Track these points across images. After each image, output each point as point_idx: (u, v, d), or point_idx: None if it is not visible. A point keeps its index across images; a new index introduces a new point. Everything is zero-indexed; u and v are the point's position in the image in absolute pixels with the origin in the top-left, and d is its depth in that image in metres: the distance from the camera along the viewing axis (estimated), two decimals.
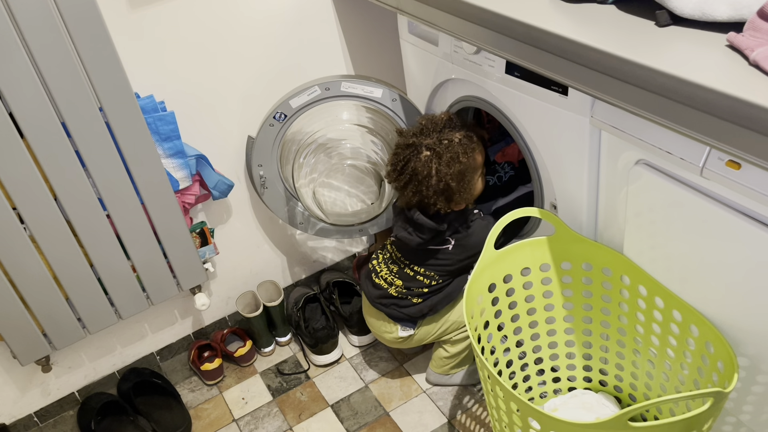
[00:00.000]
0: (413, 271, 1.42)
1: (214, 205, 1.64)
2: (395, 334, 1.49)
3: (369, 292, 1.51)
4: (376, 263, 1.50)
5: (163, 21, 1.38)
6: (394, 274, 1.44)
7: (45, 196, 1.27)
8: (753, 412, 1.05)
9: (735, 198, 0.89)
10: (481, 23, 1.11)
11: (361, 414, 1.57)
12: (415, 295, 1.42)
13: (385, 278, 1.46)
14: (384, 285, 1.46)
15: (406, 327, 1.48)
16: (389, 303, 1.46)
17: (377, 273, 1.48)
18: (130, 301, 1.47)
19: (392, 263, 1.46)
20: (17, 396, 1.59)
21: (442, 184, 1.29)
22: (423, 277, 1.41)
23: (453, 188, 1.30)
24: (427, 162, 1.29)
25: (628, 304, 1.21)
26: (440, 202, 1.31)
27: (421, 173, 1.29)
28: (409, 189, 1.32)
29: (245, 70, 1.52)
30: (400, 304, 1.45)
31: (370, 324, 1.56)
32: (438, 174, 1.29)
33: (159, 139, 1.36)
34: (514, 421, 1.06)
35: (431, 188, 1.29)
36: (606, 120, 1.03)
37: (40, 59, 1.15)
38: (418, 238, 1.36)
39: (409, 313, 1.44)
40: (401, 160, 1.32)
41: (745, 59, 0.80)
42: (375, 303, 1.49)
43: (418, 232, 1.35)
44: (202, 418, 1.63)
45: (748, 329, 0.97)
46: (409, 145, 1.32)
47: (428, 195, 1.30)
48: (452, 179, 1.29)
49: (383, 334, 1.52)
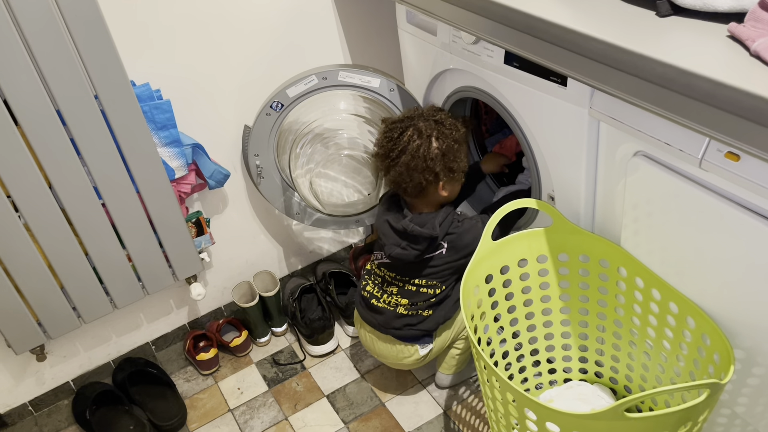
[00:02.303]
0: (414, 286, 1.38)
1: (210, 195, 1.63)
2: (416, 356, 1.43)
3: (374, 320, 1.44)
4: (370, 290, 1.45)
5: (160, 8, 1.36)
6: (395, 296, 1.40)
7: (40, 184, 1.26)
8: (748, 404, 1.05)
9: (733, 190, 0.88)
10: (480, 12, 1.10)
11: (357, 404, 1.57)
12: (424, 308, 1.39)
13: (388, 302, 1.41)
14: (389, 308, 1.41)
15: (425, 344, 1.43)
16: (402, 325, 1.40)
17: (377, 299, 1.43)
18: (126, 290, 1.47)
19: (388, 285, 1.42)
20: (12, 385, 1.59)
21: (444, 146, 1.28)
22: (426, 288, 1.38)
23: (455, 151, 1.29)
24: (428, 126, 1.29)
25: (624, 296, 1.21)
26: (438, 167, 1.28)
27: (423, 135, 1.28)
28: (406, 156, 1.28)
29: (242, 59, 1.51)
30: (413, 322, 1.40)
31: (381, 356, 1.49)
32: (440, 137, 1.28)
33: (155, 128, 1.35)
34: (510, 411, 1.06)
35: (431, 152, 1.27)
36: (605, 111, 1.02)
37: (35, 46, 1.14)
38: (414, 251, 1.33)
39: (424, 327, 1.40)
40: (398, 129, 1.30)
41: (746, 50, 0.79)
42: (388, 330, 1.42)
43: (413, 244, 1.32)
44: (198, 408, 1.63)
45: (744, 321, 0.97)
46: (404, 119, 1.32)
47: (428, 158, 1.27)
48: (454, 142, 1.29)
49: (402, 361, 1.45)
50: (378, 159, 1.36)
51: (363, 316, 1.48)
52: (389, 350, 1.45)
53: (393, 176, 1.33)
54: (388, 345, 1.45)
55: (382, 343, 1.46)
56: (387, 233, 1.37)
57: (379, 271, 1.44)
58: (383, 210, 1.41)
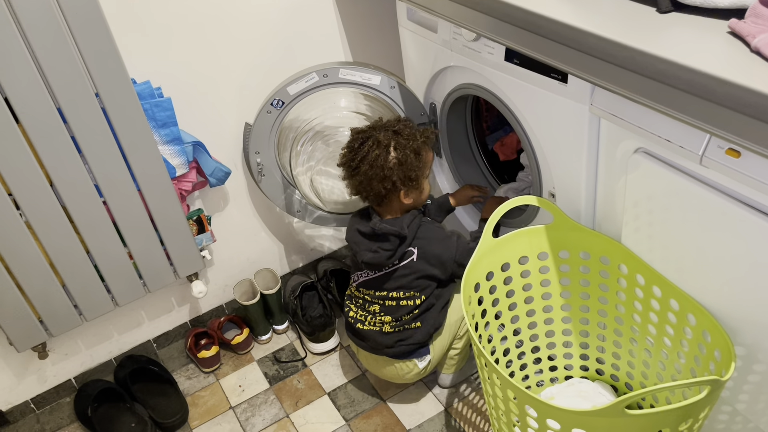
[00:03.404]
0: (394, 300, 1.38)
1: (211, 193, 1.63)
2: (416, 370, 1.44)
3: (364, 344, 1.45)
4: (353, 315, 1.45)
5: (160, 7, 1.36)
6: (377, 314, 1.41)
7: (41, 182, 1.26)
8: (749, 401, 1.05)
9: (734, 186, 0.88)
10: (481, 9, 1.10)
11: (358, 402, 1.57)
12: (410, 321, 1.39)
13: (373, 322, 1.41)
14: (375, 329, 1.41)
15: (422, 357, 1.43)
16: (393, 342, 1.40)
17: (362, 323, 1.43)
18: (127, 288, 1.47)
19: (369, 305, 1.42)
20: (14, 383, 1.59)
21: (401, 155, 1.30)
22: (406, 300, 1.38)
23: (411, 161, 1.31)
24: (386, 137, 1.31)
25: (625, 293, 1.21)
26: (395, 176, 1.30)
27: (381, 145, 1.30)
28: (365, 165, 1.30)
29: (243, 57, 1.51)
30: (404, 337, 1.39)
31: (385, 377, 1.49)
32: (397, 147, 1.30)
33: (156, 126, 1.36)
34: (510, 408, 1.07)
35: (389, 161, 1.29)
36: (605, 108, 1.02)
37: (36, 44, 1.14)
38: (386, 252, 1.33)
39: (417, 340, 1.40)
40: (359, 139, 1.33)
41: (746, 46, 0.79)
42: (381, 351, 1.42)
43: (383, 245, 1.34)
44: (199, 406, 1.63)
45: (745, 318, 0.97)
46: (366, 130, 1.34)
47: (385, 167, 1.29)
48: (411, 152, 1.31)
49: (405, 376, 1.45)
50: (342, 167, 1.38)
51: (355, 342, 1.49)
52: (389, 370, 1.46)
53: (354, 184, 1.35)
54: (387, 366, 1.45)
55: (380, 365, 1.47)
56: (358, 241, 1.38)
57: (358, 293, 1.45)
58: (353, 221, 1.42)
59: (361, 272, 1.43)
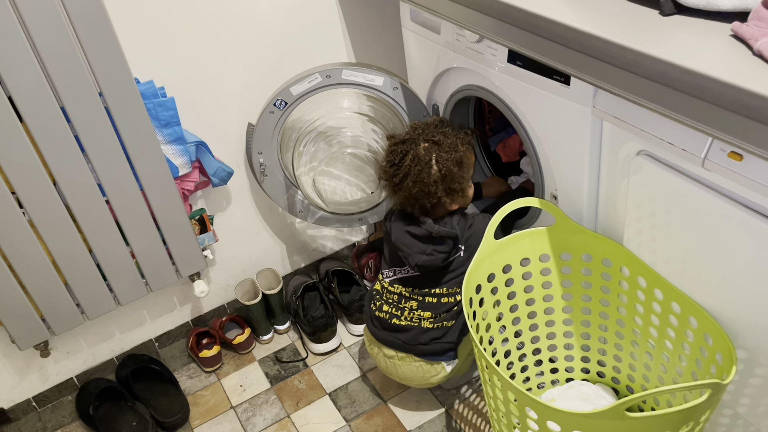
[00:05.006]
0: (435, 297, 1.36)
1: (213, 192, 1.63)
2: (443, 373, 1.40)
3: (397, 340, 1.39)
4: (388, 310, 1.40)
5: (164, 6, 1.37)
6: (416, 311, 1.37)
7: (44, 181, 1.26)
8: (750, 404, 1.05)
9: (736, 190, 0.88)
10: (484, 11, 1.10)
11: (359, 402, 1.57)
12: (448, 318, 1.36)
13: (410, 318, 1.37)
14: (413, 324, 1.37)
15: (450, 360, 1.40)
16: (428, 339, 1.37)
17: (398, 317, 1.38)
18: (129, 287, 1.47)
19: (406, 301, 1.38)
20: (16, 381, 1.59)
21: (444, 170, 1.28)
22: (447, 297, 1.36)
23: (455, 173, 1.29)
24: (427, 151, 1.29)
25: (627, 296, 1.21)
26: (440, 191, 1.29)
27: (422, 161, 1.28)
28: (408, 182, 1.29)
29: (246, 57, 1.51)
30: (438, 335, 1.37)
31: (406, 379, 1.44)
32: (439, 161, 1.29)
33: (159, 125, 1.36)
34: (511, 410, 1.06)
35: (432, 176, 1.28)
36: (608, 110, 1.02)
37: (40, 43, 1.14)
38: (441, 254, 1.31)
39: (450, 339, 1.37)
40: (399, 153, 1.31)
41: (749, 49, 0.79)
42: (413, 348, 1.38)
43: (439, 247, 1.30)
44: (200, 405, 1.64)
45: (747, 322, 0.97)
46: (406, 141, 1.32)
47: (429, 183, 1.28)
48: (453, 165, 1.29)
49: (429, 380, 1.42)
50: (383, 180, 1.37)
51: (382, 339, 1.43)
52: (414, 372, 1.42)
53: (399, 200, 1.34)
54: (413, 367, 1.41)
55: (405, 366, 1.42)
56: (409, 243, 1.33)
57: (393, 289, 1.41)
58: (398, 221, 1.37)
59: (397, 268, 1.40)
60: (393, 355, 1.42)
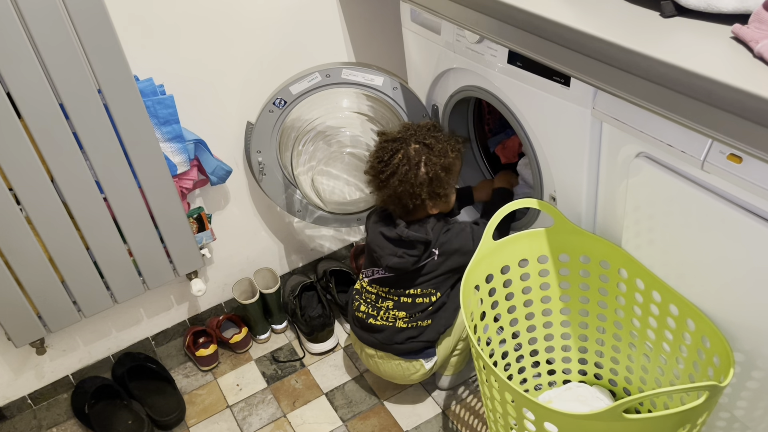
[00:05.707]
0: (410, 297, 1.38)
1: (211, 191, 1.63)
2: (422, 371, 1.43)
3: (374, 339, 1.42)
4: (365, 310, 1.43)
5: (164, 3, 1.36)
6: (391, 310, 1.39)
7: (42, 178, 1.26)
8: (747, 407, 1.05)
9: (735, 192, 0.88)
10: (484, 11, 1.10)
11: (356, 403, 1.57)
12: (423, 318, 1.38)
13: (386, 318, 1.40)
14: (388, 324, 1.40)
15: (428, 357, 1.42)
16: (404, 338, 1.39)
17: (374, 317, 1.41)
18: (126, 285, 1.47)
19: (383, 301, 1.41)
20: (11, 378, 1.59)
21: (431, 173, 1.29)
22: (422, 297, 1.37)
23: (441, 178, 1.30)
24: (417, 152, 1.30)
25: (625, 298, 1.21)
26: (425, 194, 1.30)
27: (411, 161, 1.29)
28: (394, 180, 1.30)
29: (246, 55, 1.51)
30: (414, 335, 1.39)
31: (388, 376, 1.48)
32: (428, 164, 1.29)
33: (157, 123, 1.36)
34: (508, 411, 1.06)
35: (419, 178, 1.29)
36: (607, 111, 1.02)
37: (39, 39, 1.14)
38: (411, 258, 1.32)
39: (426, 338, 1.39)
40: (389, 150, 1.32)
41: (749, 51, 0.79)
42: (389, 347, 1.41)
43: (409, 251, 1.32)
44: (196, 404, 1.63)
45: (744, 325, 0.97)
46: (397, 139, 1.33)
47: (415, 184, 1.29)
48: (441, 170, 1.30)
49: (409, 377, 1.45)
50: (369, 175, 1.37)
51: (361, 338, 1.46)
52: (394, 369, 1.45)
53: (382, 197, 1.35)
54: (393, 365, 1.44)
55: (386, 364, 1.45)
56: (382, 245, 1.36)
57: (371, 288, 1.43)
58: (376, 223, 1.40)
59: (375, 269, 1.41)
60: (373, 353, 1.45)
